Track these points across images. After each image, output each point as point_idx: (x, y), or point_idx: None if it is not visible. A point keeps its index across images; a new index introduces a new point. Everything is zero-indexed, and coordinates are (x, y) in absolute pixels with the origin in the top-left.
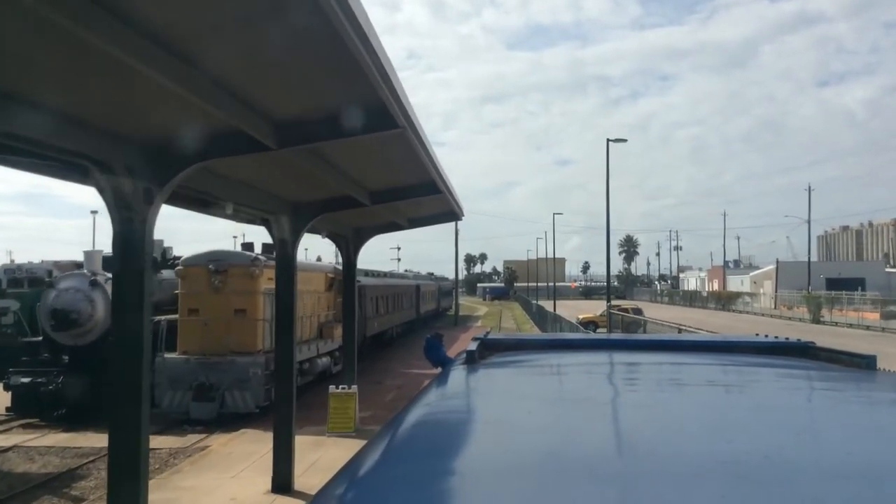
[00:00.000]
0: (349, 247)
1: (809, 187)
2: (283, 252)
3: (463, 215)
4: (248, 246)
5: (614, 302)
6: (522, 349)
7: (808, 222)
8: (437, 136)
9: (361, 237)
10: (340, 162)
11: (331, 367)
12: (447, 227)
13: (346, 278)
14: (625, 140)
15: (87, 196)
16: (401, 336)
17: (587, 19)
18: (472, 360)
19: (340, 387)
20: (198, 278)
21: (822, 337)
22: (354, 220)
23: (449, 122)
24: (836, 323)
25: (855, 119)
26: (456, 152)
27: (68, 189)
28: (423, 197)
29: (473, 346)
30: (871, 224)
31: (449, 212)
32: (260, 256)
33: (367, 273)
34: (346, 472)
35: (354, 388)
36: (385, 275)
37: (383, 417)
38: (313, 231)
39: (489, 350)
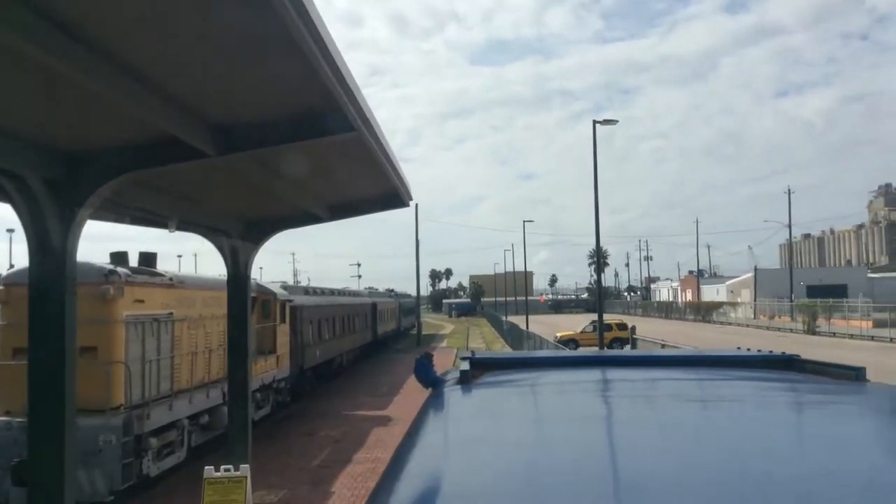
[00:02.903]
0: (235, 249)
1: (789, 190)
2: (40, 248)
3: (411, 198)
4: (119, 256)
5: (589, 316)
6: (513, 367)
7: (789, 227)
8: (402, 153)
9: (256, 235)
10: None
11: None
12: (411, 241)
13: (232, 298)
14: (615, 121)
15: None
16: (353, 363)
17: (549, 34)
18: (466, 381)
19: (223, 468)
20: (26, 303)
21: (845, 353)
22: (240, 205)
23: (413, 138)
24: (834, 333)
25: (813, 129)
26: (422, 168)
27: None
28: (324, 137)
29: (465, 365)
30: (832, 231)
31: (389, 193)
32: (119, 270)
33: (307, 290)
34: None
35: (245, 469)
36: (333, 292)
37: (303, 499)
38: (135, 217)
39: (479, 369)
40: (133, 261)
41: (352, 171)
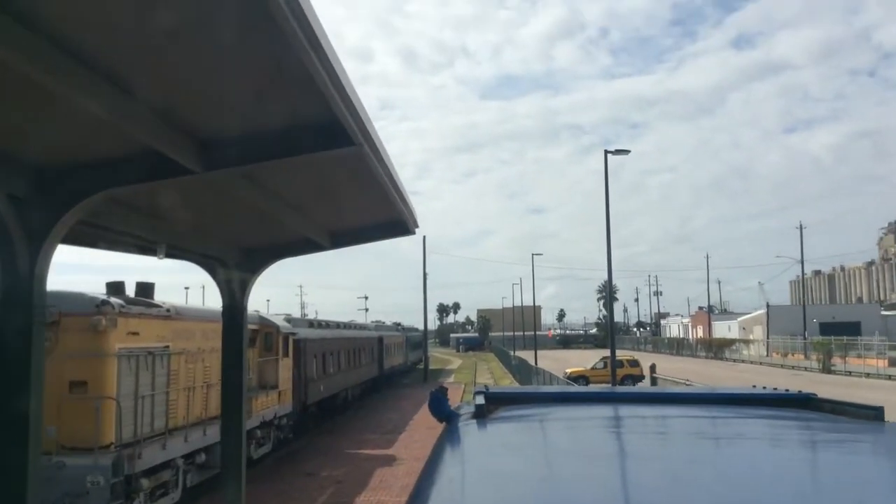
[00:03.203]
0: (231, 278)
1: (801, 226)
2: (4, 274)
3: (417, 225)
4: (115, 287)
5: (598, 352)
6: (527, 402)
7: (801, 263)
8: (411, 186)
9: (253, 263)
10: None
11: (248, 451)
12: (418, 274)
13: (227, 331)
14: (627, 151)
15: None
16: (358, 398)
17: (558, 69)
18: (481, 415)
19: None
20: None
21: (863, 393)
22: (236, 231)
23: (422, 171)
24: (850, 372)
25: (821, 165)
26: (430, 202)
27: None
28: (321, 153)
29: (480, 399)
30: (843, 268)
31: (393, 219)
32: (112, 300)
33: (311, 323)
34: None
35: None
36: (338, 325)
37: None
38: (119, 243)
39: (493, 403)
40: (132, 292)
41: (354, 196)
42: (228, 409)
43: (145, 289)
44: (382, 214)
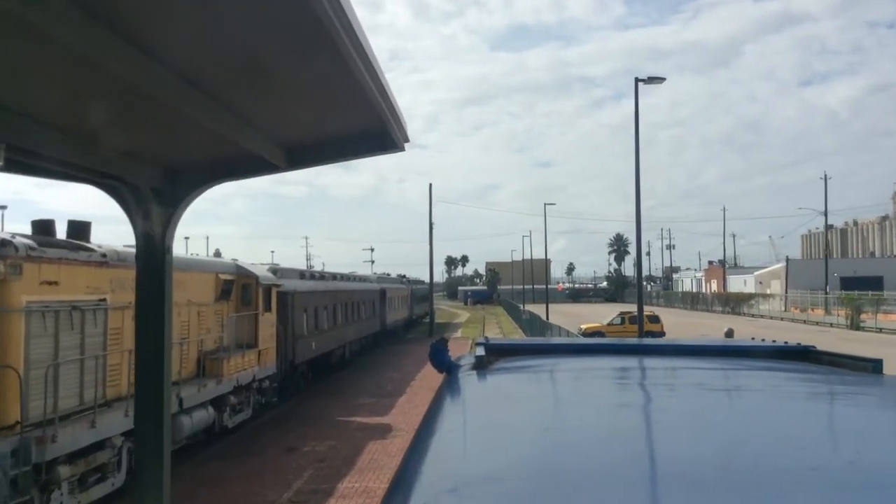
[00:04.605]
0: (146, 207)
1: (825, 176)
2: None
3: (406, 139)
4: (42, 226)
5: (610, 306)
6: (528, 354)
7: (825, 214)
8: (418, 139)
9: (179, 188)
10: None
11: (220, 420)
12: (426, 226)
13: (142, 279)
14: (662, 79)
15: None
16: (358, 355)
17: (570, 19)
18: (481, 366)
19: None
20: None
21: None
22: (153, 142)
23: (431, 124)
24: (881, 329)
25: (837, 119)
26: (438, 154)
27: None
28: None
29: (480, 350)
30: (855, 222)
31: (373, 128)
32: (16, 240)
33: (302, 274)
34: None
35: None
36: (335, 277)
37: None
38: None
39: (494, 354)
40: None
41: (312, 92)
42: (144, 389)
43: (79, 228)
44: (354, 118)
